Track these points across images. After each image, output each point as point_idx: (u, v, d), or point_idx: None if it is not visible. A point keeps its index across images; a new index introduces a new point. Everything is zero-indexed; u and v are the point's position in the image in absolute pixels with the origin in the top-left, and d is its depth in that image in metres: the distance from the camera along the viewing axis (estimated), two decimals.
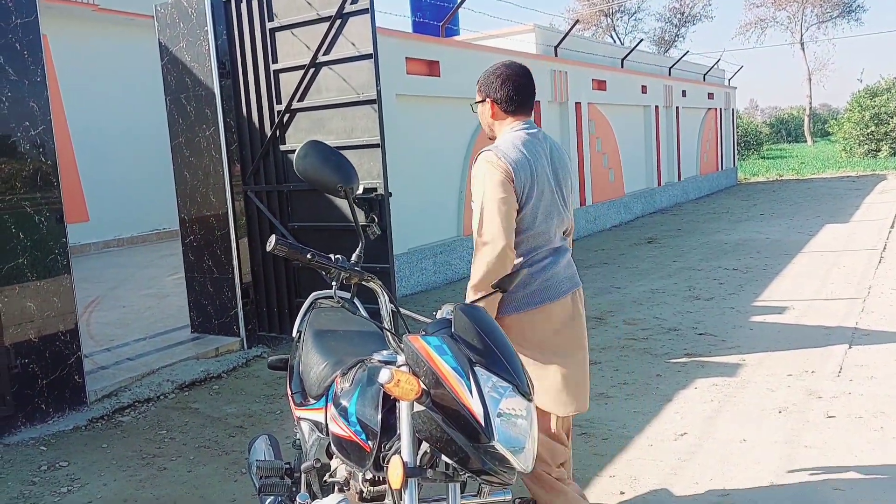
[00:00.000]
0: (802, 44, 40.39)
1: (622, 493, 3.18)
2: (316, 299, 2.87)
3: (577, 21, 12.21)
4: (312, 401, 2.31)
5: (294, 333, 2.75)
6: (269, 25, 5.21)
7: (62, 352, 4.29)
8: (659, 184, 14.66)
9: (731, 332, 5.52)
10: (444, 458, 1.66)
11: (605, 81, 12.17)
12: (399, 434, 1.72)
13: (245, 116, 5.42)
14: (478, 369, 1.62)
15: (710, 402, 4.14)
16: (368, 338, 2.56)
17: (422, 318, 1.92)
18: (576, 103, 11.06)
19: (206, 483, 3.48)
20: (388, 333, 1.91)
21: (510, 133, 2.47)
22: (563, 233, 2.57)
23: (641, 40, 14.86)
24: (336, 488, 2.09)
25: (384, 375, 1.62)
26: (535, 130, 2.50)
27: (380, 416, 1.80)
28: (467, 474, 1.65)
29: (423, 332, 1.76)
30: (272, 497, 2.55)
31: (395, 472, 1.62)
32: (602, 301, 6.76)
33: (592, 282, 7.74)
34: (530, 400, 1.66)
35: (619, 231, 12.02)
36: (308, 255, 1.93)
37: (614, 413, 4.05)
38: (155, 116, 12.50)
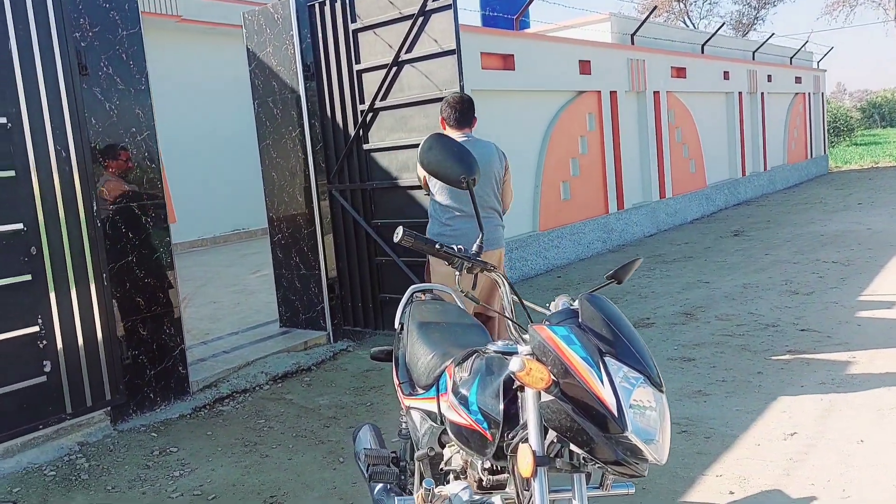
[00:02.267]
0: None
1: (731, 493, 3.18)
2: (414, 292, 3.03)
3: (655, 7, 12.02)
4: (421, 390, 2.43)
5: (396, 325, 2.90)
6: (351, 27, 5.42)
7: (168, 344, 4.61)
8: (743, 174, 14.27)
9: (837, 328, 5.35)
10: (572, 447, 1.72)
11: (684, 69, 11.95)
12: (523, 423, 1.80)
13: (329, 117, 5.65)
14: (608, 359, 1.67)
15: (819, 400, 4.06)
16: (470, 329, 2.70)
17: (540, 309, 2.00)
18: (654, 92, 10.92)
19: (307, 470, 3.69)
20: (510, 323, 1.99)
21: None
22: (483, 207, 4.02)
23: (723, 24, 14.49)
24: (452, 476, 2.20)
25: (515, 364, 1.68)
26: (466, 139, 4.10)
27: (502, 406, 1.86)
28: (596, 465, 1.70)
29: (548, 322, 1.82)
30: (381, 484, 2.69)
31: (524, 461, 1.68)
32: (691, 296, 6.70)
33: (678, 276, 7.67)
34: (662, 391, 1.70)
35: (701, 224, 11.79)
36: (434, 246, 2.04)
37: (715, 411, 4.04)
38: (233, 121, 13.14)
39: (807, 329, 5.39)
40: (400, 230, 2.05)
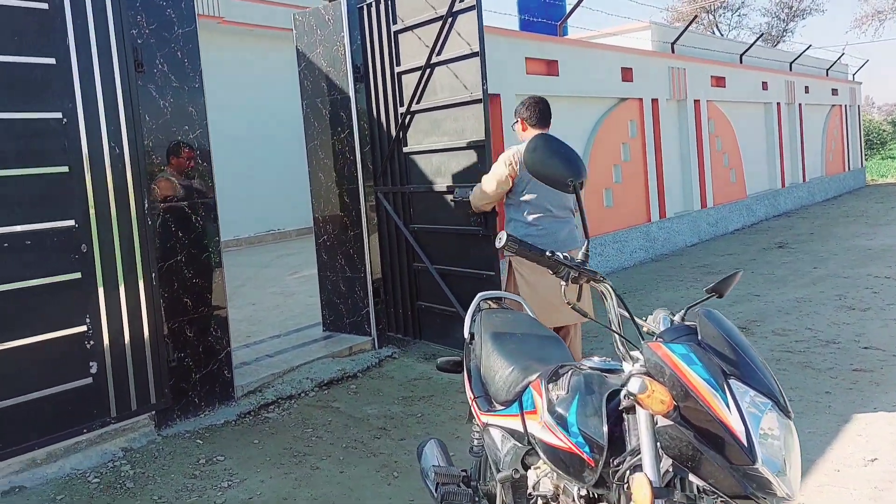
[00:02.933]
0: None
1: None
2: (483, 300, 2.86)
3: (696, 17, 11.70)
4: (500, 406, 2.25)
5: (465, 335, 2.73)
6: (393, 28, 5.22)
7: (214, 347, 4.45)
8: (783, 185, 13.88)
9: None
10: (690, 478, 1.54)
11: (724, 78, 11.63)
12: (632, 449, 1.62)
13: (375, 119, 5.47)
14: (733, 382, 1.50)
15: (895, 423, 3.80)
16: (547, 341, 2.51)
17: (645, 324, 1.81)
18: (695, 101, 10.62)
19: (360, 485, 3.49)
20: (617, 338, 1.79)
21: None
22: (562, 208, 4.11)
23: (761, 35, 14.10)
24: (541, 502, 2.00)
25: (635, 385, 1.53)
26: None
27: (606, 428, 1.69)
28: (718, 498, 1.53)
29: (662, 339, 1.66)
30: None
31: (641, 492, 1.49)
32: (744, 309, 6.41)
33: None
34: (790, 417, 1.52)
35: (743, 235, 11.45)
36: (539, 254, 1.87)
37: None
38: (269, 123, 13.07)
39: (870, 347, 5.08)
40: (503, 236, 1.87)
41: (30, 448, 3.58)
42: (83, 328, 3.77)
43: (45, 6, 3.62)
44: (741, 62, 12.79)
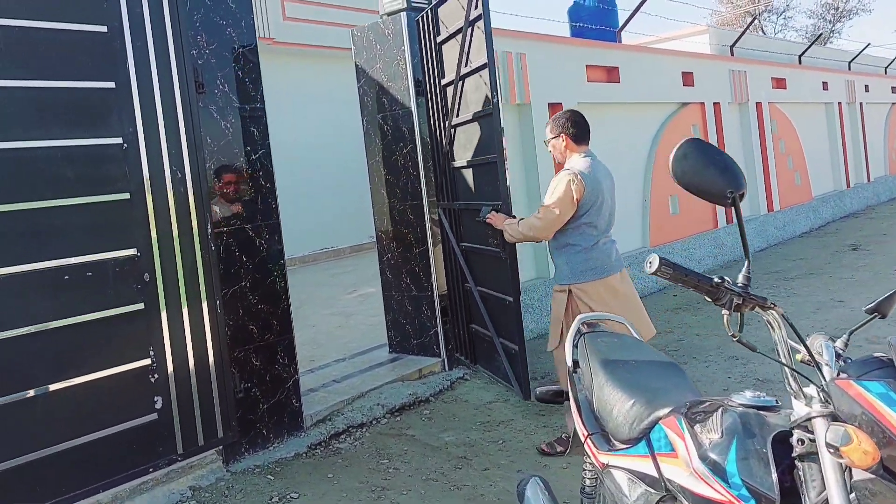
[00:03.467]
0: None
1: None
2: (583, 322, 2.57)
3: (754, 19, 11.07)
4: (621, 445, 1.91)
5: (568, 363, 2.40)
6: (437, 39, 4.88)
7: (281, 375, 4.15)
8: (847, 185, 13.06)
9: None
10: None
11: (784, 79, 10.98)
12: None
13: (432, 133, 5.13)
14: None
15: None
16: (666, 369, 2.13)
17: (801, 351, 1.48)
18: (756, 103, 10.01)
19: None
20: (787, 371, 1.44)
21: (581, 158, 3.74)
22: (611, 227, 3.81)
23: (820, 35, 13.32)
24: None
25: (836, 435, 1.24)
26: (591, 158, 3.75)
27: (775, 477, 1.38)
28: None
29: (848, 375, 1.37)
30: None
31: None
32: (829, 317, 5.83)
33: (809, 294, 6.79)
34: None
35: (811, 238, 10.73)
36: (695, 279, 1.52)
37: None
38: (321, 141, 12.90)
39: None
40: (655, 259, 1.51)
41: (94, 491, 3.31)
42: (147, 361, 3.50)
43: (103, 29, 3.39)
44: (800, 63, 12.10)
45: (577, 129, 3.73)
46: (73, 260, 3.27)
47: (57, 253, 3.22)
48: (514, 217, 4.06)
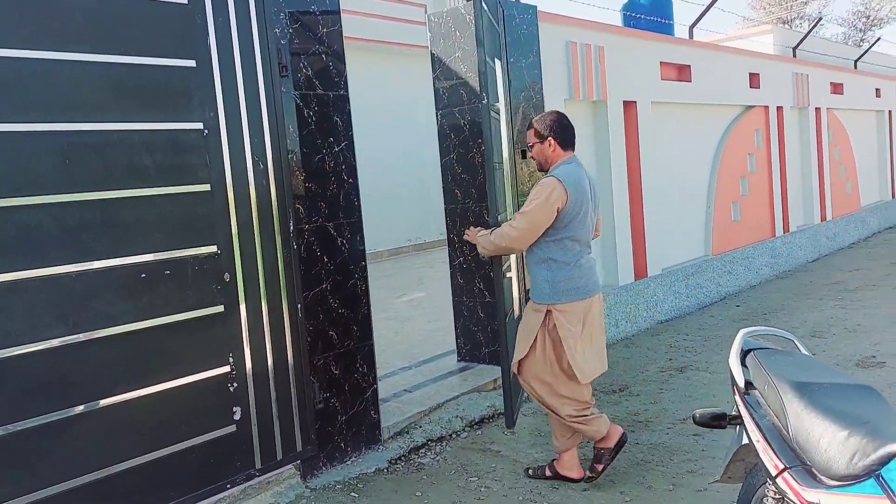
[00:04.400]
0: None
1: None
2: (747, 336, 2.22)
3: (820, 19, 10.41)
4: (835, 482, 1.58)
5: (740, 383, 2.08)
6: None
7: (360, 384, 3.70)
8: (893, 196, 12.34)
9: None
10: None
11: (841, 84, 10.33)
12: None
13: (510, 128, 4.65)
14: None
15: None
16: (865, 393, 1.80)
17: None
18: (815, 109, 9.39)
19: None
20: None
21: (564, 165, 3.23)
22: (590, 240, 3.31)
23: (878, 39, 12.55)
24: None
25: None
26: (576, 164, 3.25)
27: None
28: None
29: None
30: None
31: None
32: None
33: (874, 307, 6.21)
34: None
35: (861, 249, 10.07)
36: None
37: None
38: (375, 141, 12.44)
39: None
40: None
41: None
42: (226, 369, 3.06)
43: (184, 1, 2.97)
44: (856, 68, 11.43)
45: (566, 133, 3.23)
46: (150, 257, 2.84)
47: (133, 248, 2.79)
48: (491, 229, 3.34)
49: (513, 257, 4.26)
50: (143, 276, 2.82)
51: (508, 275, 3.67)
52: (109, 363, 2.73)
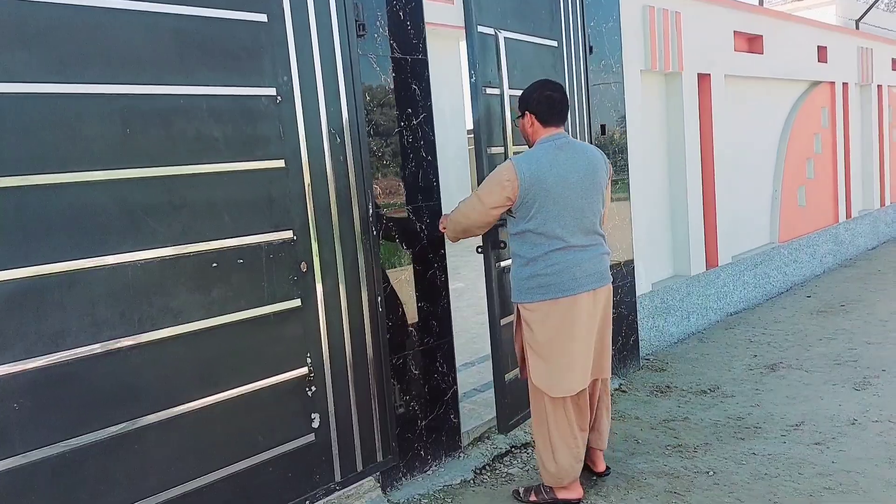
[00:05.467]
0: None
1: None
2: None
3: None
4: None
5: None
6: None
7: (440, 385, 3.33)
8: None
9: None
10: None
11: None
12: None
13: None
14: None
15: None
16: None
17: None
18: (878, 86, 8.90)
19: None
20: None
21: (540, 144, 2.85)
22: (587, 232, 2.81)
23: None
24: None
25: None
26: (561, 141, 2.82)
27: None
28: None
29: None
30: None
31: None
32: None
33: None
34: None
35: None
36: None
37: None
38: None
39: None
40: None
41: None
42: (304, 370, 2.70)
43: None
44: None
45: (547, 106, 2.82)
46: (221, 243, 2.47)
47: (203, 233, 2.43)
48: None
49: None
50: (215, 265, 2.46)
51: (504, 263, 3.29)
52: (178, 366, 2.38)
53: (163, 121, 2.33)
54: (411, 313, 3.20)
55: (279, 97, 2.62)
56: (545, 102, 2.85)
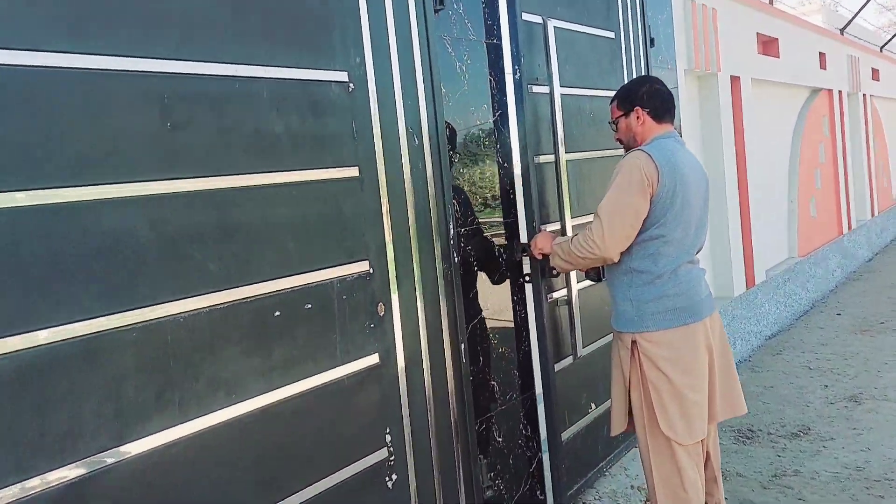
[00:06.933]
0: None
1: None
2: None
3: (868, 1, 9.89)
4: None
5: None
6: None
7: (524, 454, 2.72)
8: None
9: None
10: None
11: (878, 70, 9.99)
12: None
13: None
14: None
15: None
16: None
17: None
18: (863, 95, 8.96)
19: None
20: None
21: (659, 140, 2.40)
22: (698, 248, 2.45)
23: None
24: None
25: None
26: (676, 141, 2.44)
27: None
28: None
29: None
30: None
31: None
32: None
33: None
34: None
35: None
36: None
37: None
38: None
39: None
40: None
41: None
42: (383, 453, 2.06)
43: None
44: (882, 52, 11.15)
45: (659, 101, 2.41)
46: (286, 282, 1.82)
47: (262, 269, 1.77)
48: (572, 235, 2.52)
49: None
50: (277, 314, 1.80)
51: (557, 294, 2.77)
52: (229, 470, 1.70)
53: (216, 112, 1.68)
54: (492, 363, 2.61)
55: (351, 84, 2.01)
56: (657, 96, 2.44)
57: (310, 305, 1.88)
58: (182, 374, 1.60)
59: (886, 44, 11.22)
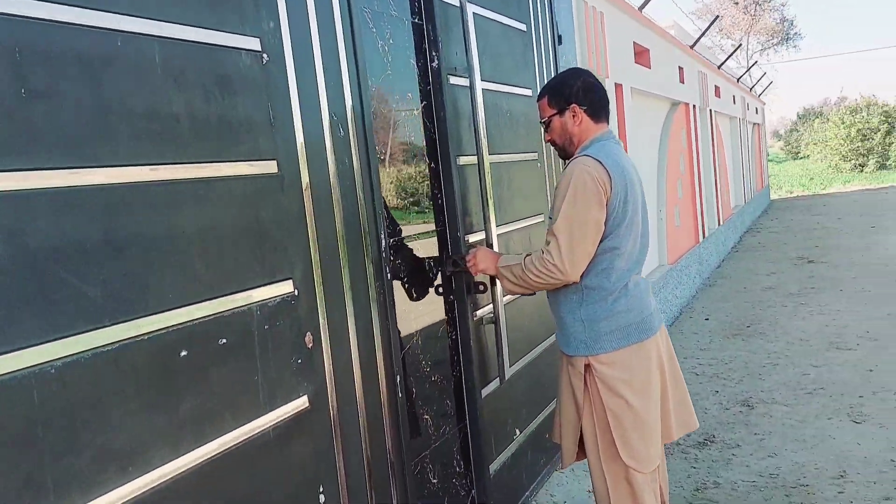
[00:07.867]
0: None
1: None
2: None
3: (718, 17, 10.59)
4: None
5: None
6: None
7: (458, 493, 2.42)
8: (745, 201, 13.41)
9: None
10: None
11: (719, 88, 10.89)
12: None
13: None
14: None
15: None
16: None
17: None
18: (710, 110, 9.68)
19: None
20: None
21: (601, 142, 2.23)
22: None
23: (739, 46, 13.45)
24: None
25: None
26: (615, 142, 2.28)
27: None
28: None
29: None
30: None
31: None
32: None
33: (847, 311, 6.21)
34: None
35: (746, 252, 10.61)
36: None
37: None
38: None
39: None
40: None
41: None
42: None
43: None
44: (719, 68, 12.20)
45: (595, 97, 2.22)
46: (194, 310, 1.39)
47: (163, 297, 1.33)
48: (523, 254, 2.23)
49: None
50: (184, 354, 1.37)
51: (480, 313, 2.58)
52: None
53: (89, 78, 1.23)
54: (425, 394, 2.28)
55: (265, 54, 1.62)
56: (593, 90, 2.23)
57: (224, 340, 1.46)
58: (57, 447, 1.13)
59: (723, 63, 12.30)
